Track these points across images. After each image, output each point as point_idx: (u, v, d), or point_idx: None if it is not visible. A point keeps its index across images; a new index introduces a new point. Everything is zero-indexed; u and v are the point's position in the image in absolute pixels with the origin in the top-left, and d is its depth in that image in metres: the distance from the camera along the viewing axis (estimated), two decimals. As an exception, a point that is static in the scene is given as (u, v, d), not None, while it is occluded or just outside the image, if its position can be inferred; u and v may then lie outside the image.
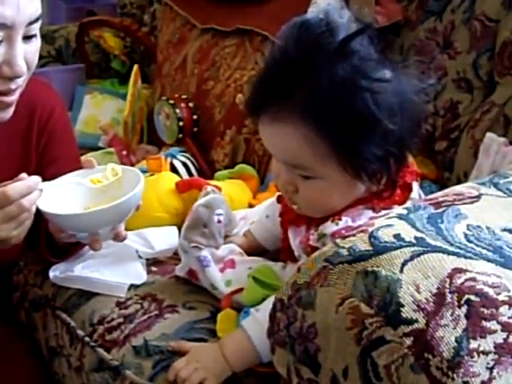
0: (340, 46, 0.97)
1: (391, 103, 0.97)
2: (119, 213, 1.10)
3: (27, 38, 1.11)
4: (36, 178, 1.06)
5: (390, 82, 0.98)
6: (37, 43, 1.15)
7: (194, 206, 1.24)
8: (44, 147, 1.33)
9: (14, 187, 1.03)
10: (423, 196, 1.09)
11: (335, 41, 0.97)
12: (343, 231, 0.99)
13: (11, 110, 1.16)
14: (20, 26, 1.07)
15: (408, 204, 0.89)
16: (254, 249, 1.29)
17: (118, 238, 1.15)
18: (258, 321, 1.05)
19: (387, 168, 1.02)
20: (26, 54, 1.11)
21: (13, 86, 1.11)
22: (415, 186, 1.09)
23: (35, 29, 1.12)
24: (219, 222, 1.24)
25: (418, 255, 0.75)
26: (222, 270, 1.20)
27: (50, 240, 1.24)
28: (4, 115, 1.16)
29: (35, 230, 1.17)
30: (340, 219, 1.03)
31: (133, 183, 1.10)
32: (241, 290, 1.15)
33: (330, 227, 1.03)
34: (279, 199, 1.19)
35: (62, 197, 1.13)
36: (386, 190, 1.06)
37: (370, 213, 1.04)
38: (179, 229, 1.34)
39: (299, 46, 0.98)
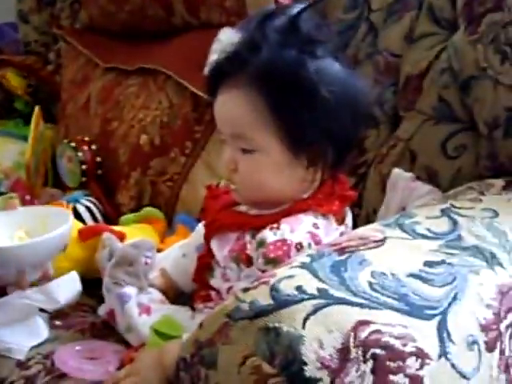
0: (290, 23, 1.06)
1: (330, 73, 1.05)
2: (50, 247, 1.09)
3: None
4: None
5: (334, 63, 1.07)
6: None
7: (122, 246, 1.23)
8: None
9: None
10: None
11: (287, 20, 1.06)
12: (278, 243, 1.01)
13: None
14: None
15: (312, 252, 0.86)
16: (171, 290, 1.27)
17: (46, 277, 1.10)
18: None
19: (324, 155, 1.06)
20: None
21: None
22: (349, 212, 1.14)
23: None
24: (146, 263, 1.21)
25: (321, 308, 0.72)
26: (139, 315, 1.16)
27: None
28: None
29: None
30: (278, 228, 1.03)
31: (59, 224, 1.09)
32: (143, 345, 1.12)
33: (268, 236, 1.02)
34: (203, 215, 1.22)
35: None
36: (325, 199, 1.08)
37: (310, 224, 1.04)
38: (83, 279, 1.28)
39: (258, 28, 1.07)
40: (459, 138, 1.23)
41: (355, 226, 1.14)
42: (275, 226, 1.04)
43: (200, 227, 1.23)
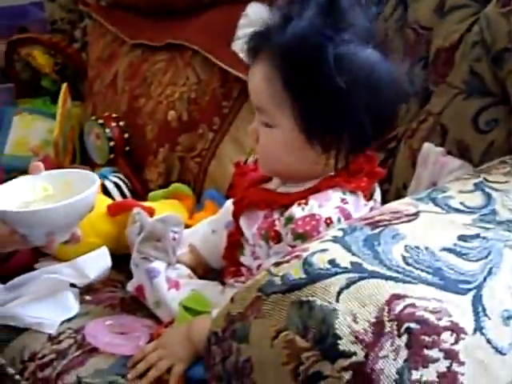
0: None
1: (354, 68, 1.02)
2: (80, 209, 1.06)
3: None
4: None
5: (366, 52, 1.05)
6: None
7: (150, 221, 1.23)
8: None
9: None
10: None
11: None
12: (307, 219, 1.01)
13: None
14: None
15: (344, 226, 0.85)
16: (200, 266, 1.27)
17: (75, 238, 1.11)
18: None
19: (338, 144, 1.04)
20: None
21: None
22: (377, 188, 1.13)
23: None
24: (174, 239, 1.22)
25: (355, 282, 0.72)
26: (168, 290, 1.17)
27: None
28: None
29: None
30: (306, 203, 1.03)
31: (84, 186, 1.07)
32: (173, 321, 1.13)
33: (297, 211, 1.03)
34: (232, 192, 1.22)
35: (9, 197, 1.08)
36: (353, 176, 1.07)
37: (338, 200, 1.04)
38: (113, 254, 1.30)
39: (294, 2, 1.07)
40: (491, 111, 1.21)
41: (384, 201, 1.13)
42: (303, 201, 1.04)
43: (229, 204, 1.23)
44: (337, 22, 1.04)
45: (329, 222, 1.00)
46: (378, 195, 1.13)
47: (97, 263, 1.30)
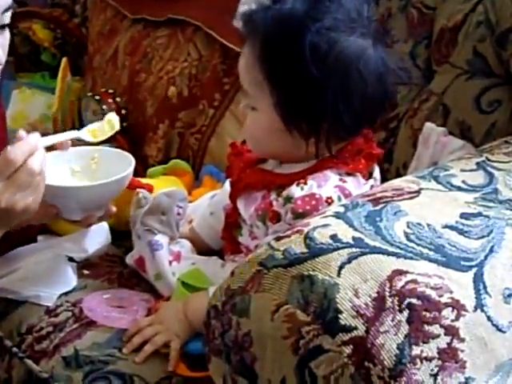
0: None
1: (331, 56, 0.99)
2: (115, 188, 1.12)
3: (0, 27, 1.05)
4: (35, 135, 1.01)
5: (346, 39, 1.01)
6: (8, 34, 1.08)
7: (157, 194, 1.24)
8: None
9: (14, 149, 0.97)
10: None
11: None
12: (306, 198, 1.00)
13: None
14: None
15: (345, 202, 0.85)
16: (198, 247, 1.26)
17: (108, 214, 1.15)
18: None
19: (316, 128, 1.02)
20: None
21: None
22: (376, 167, 1.11)
23: (7, 17, 1.05)
24: (179, 214, 1.22)
25: (356, 257, 0.71)
26: (169, 263, 1.17)
27: None
28: None
29: None
30: (305, 183, 1.02)
31: (111, 163, 1.13)
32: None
33: (295, 191, 1.02)
34: (228, 172, 1.21)
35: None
36: (351, 157, 1.06)
37: (337, 179, 1.03)
38: (112, 230, 1.30)
39: None
40: (494, 92, 1.20)
41: (385, 180, 1.13)
42: (302, 181, 1.03)
43: (227, 185, 1.22)
44: (322, 7, 1.01)
45: (330, 202, 1.00)
46: (377, 174, 1.12)
47: (96, 238, 1.30)
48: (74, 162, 1.17)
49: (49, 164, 1.08)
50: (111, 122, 1.16)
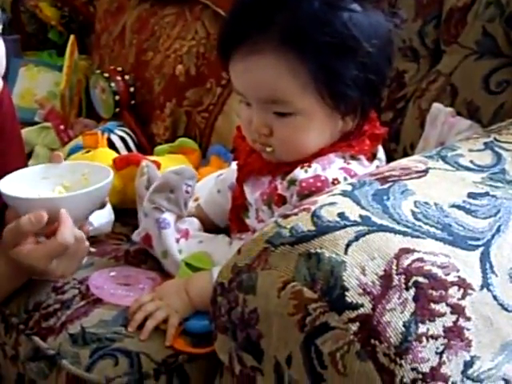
0: None
1: (367, 26, 0.99)
2: (90, 201, 1.10)
3: None
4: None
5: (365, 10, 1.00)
6: (2, 45, 1.09)
7: (164, 172, 1.23)
8: None
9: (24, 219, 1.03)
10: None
11: None
12: (311, 180, 0.99)
13: None
14: None
15: (353, 181, 0.85)
16: (204, 224, 1.26)
17: (84, 232, 1.13)
18: None
19: (363, 102, 1.02)
20: None
21: None
22: (380, 147, 1.10)
23: None
24: (187, 192, 1.21)
25: (363, 235, 0.71)
26: (177, 241, 1.18)
27: None
28: None
29: None
30: (310, 166, 1.02)
31: (101, 180, 1.11)
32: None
33: (300, 174, 1.01)
34: (235, 155, 1.20)
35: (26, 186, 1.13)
36: (355, 139, 1.05)
37: (341, 162, 1.03)
38: (119, 208, 1.31)
39: None
40: (503, 73, 1.20)
41: (391, 160, 1.13)
42: (306, 164, 1.02)
43: (234, 166, 1.21)
44: None
45: (336, 183, 0.99)
46: (381, 154, 1.11)
47: (100, 213, 1.29)
48: (65, 177, 1.17)
49: (38, 177, 1.14)
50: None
